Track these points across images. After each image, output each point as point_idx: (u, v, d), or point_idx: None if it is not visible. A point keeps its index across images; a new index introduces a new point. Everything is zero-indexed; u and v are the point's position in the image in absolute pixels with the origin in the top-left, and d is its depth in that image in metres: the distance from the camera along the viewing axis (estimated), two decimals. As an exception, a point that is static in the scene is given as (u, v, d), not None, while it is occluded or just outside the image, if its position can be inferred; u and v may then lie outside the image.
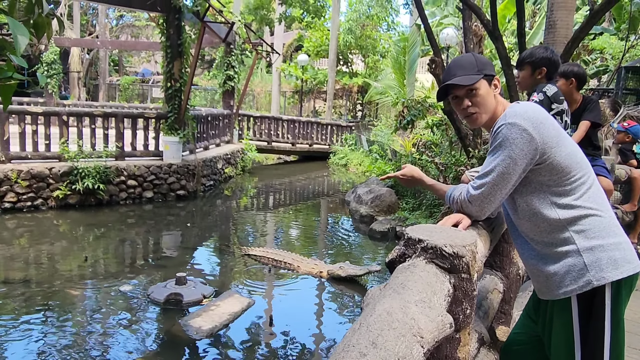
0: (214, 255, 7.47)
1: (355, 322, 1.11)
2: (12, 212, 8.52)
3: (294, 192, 13.69)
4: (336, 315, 5.23)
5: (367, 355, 0.94)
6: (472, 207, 1.70)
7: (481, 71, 1.73)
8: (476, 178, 1.69)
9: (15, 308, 5.06)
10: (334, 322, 5.07)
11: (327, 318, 5.18)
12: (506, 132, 1.59)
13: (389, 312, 1.08)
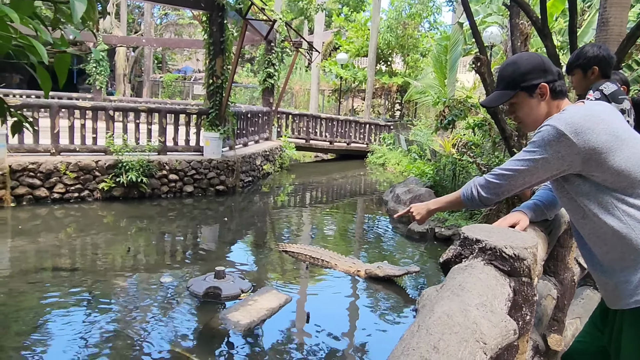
0: (251, 250, 7.52)
1: (413, 324, 1.06)
2: (60, 203, 8.83)
3: (331, 190, 13.67)
4: (372, 315, 5.17)
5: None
6: (482, 191, 1.73)
7: (519, 84, 1.73)
8: (499, 167, 1.71)
9: (63, 294, 5.23)
10: (370, 322, 5.01)
11: (363, 318, 5.12)
12: (544, 132, 1.59)
13: (449, 315, 1.03)
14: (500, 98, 1.77)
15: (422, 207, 2.00)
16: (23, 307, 4.89)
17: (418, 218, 2.01)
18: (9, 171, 8.40)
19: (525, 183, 1.66)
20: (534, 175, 1.62)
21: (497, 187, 1.69)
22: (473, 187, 1.76)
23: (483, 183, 1.73)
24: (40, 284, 5.46)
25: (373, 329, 4.85)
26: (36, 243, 6.91)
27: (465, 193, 1.80)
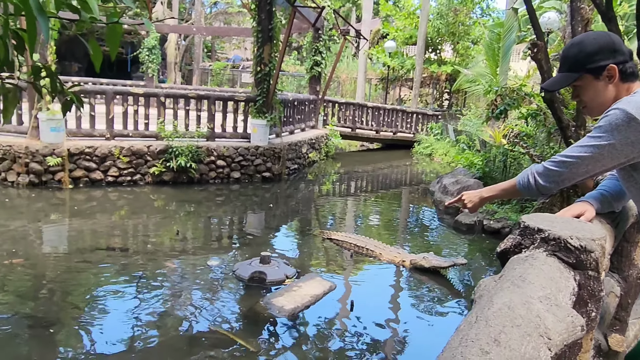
0: (296, 237, 7.57)
1: (469, 314, 1.01)
2: (114, 186, 9.17)
3: (376, 179, 13.56)
4: (415, 307, 5.09)
5: (490, 354, 0.84)
6: (540, 179, 1.62)
7: (584, 65, 1.61)
8: (559, 154, 1.60)
9: (115, 273, 5.43)
10: (413, 314, 4.93)
11: (406, 308, 5.05)
12: (612, 116, 1.48)
13: (510, 307, 0.97)
14: (563, 81, 1.66)
15: (474, 194, 1.91)
16: (80, 283, 5.12)
17: (470, 206, 1.92)
18: (67, 155, 8.79)
19: (589, 171, 1.55)
20: (598, 162, 1.51)
21: (557, 175, 1.58)
22: (530, 174, 1.66)
23: (541, 170, 1.62)
24: (95, 262, 5.69)
25: (416, 321, 4.78)
26: (91, 223, 7.21)
27: (521, 181, 1.70)
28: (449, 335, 0.96)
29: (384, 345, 4.25)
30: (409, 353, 4.14)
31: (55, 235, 7.00)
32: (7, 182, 8.66)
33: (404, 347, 4.28)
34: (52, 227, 7.13)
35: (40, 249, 6.27)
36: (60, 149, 8.69)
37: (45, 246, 6.42)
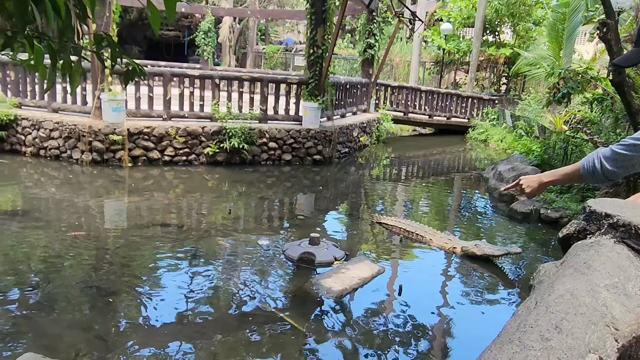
0: (345, 220, 7.57)
1: (528, 300, 0.96)
2: (170, 165, 9.48)
3: (428, 165, 13.31)
4: (465, 295, 4.97)
5: (551, 340, 0.79)
6: (607, 163, 1.51)
7: None
8: (630, 137, 1.49)
9: (170, 248, 5.64)
10: (462, 302, 4.82)
11: (455, 296, 4.94)
12: None
13: (573, 294, 0.92)
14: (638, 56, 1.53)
15: (533, 179, 1.81)
16: (137, 256, 5.35)
17: (528, 191, 1.82)
18: (127, 134, 9.15)
19: None
20: None
21: (626, 160, 1.46)
22: (596, 158, 1.54)
23: (609, 154, 1.51)
24: (151, 237, 5.93)
25: (464, 309, 4.68)
26: (149, 200, 7.50)
27: (585, 165, 1.58)
28: (498, 326, 0.92)
29: (430, 331, 4.20)
30: (455, 341, 4.07)
31: (115, 210, 7.33)
32: (72, 159, 9.13)
33: (450, 334, 4.21)
34: (112, 202, 7.48)
35: (102, 223, 6.59)
36: (121, 128, 9.05)
37: (106, 221, 6.74)
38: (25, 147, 9.50)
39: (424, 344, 3.97)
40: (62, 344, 3.57)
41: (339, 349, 3.78)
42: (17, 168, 8.80)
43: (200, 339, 3.77)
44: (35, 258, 5.08)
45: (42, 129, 9.31)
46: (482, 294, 5.00)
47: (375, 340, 3.96)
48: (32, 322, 3.84)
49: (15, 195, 7.35)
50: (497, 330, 3.08)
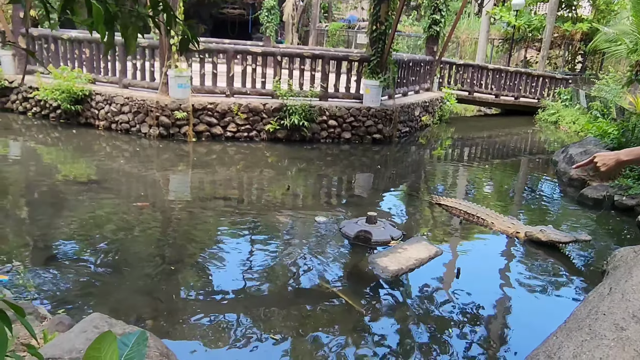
0: (403, 200, 7.47)
1: (601, 285, 0.89)
2: (232, 141, 9.70)
3: (492, 147, 12.82)
4: (526, 282, 4.78)
5: (627, 330, 0.73)
6: None
7: None
8: None
9: (231, 222, 5.80)
10: (523, 289, 4.63)
11: (516, 283, 4.76)
12: None
13: (654, 281, 0.83)
14: None
15: (610, 156, 1.68)
16: (199, 229, 5.55)
17: (603, 170, 1.69)
18: (192, 110, 9.42)
19: None
20: None
21: None
22: None
23: None
24: (213, 210, 6.12)
25: (525, 296, 4.50)
26: (211, 174, 7.73)
27: None
28: (557, 316, 0.85)
29: (487, 317, 4.08)
30: (511, 328, 3.93)
31: (180, 183, 7.62)
32: (140, 133, 9.54)
33: (507, 321, 4.07)
34: (177, 176, 7.77)
35: (167, 195, 6.88)
36: (186, 104, 9.33)
37: (171, 193, 7.02)
38: (98, 121, 10.02)
39: (479, 328, 3.87)
40: (127, 307, 3.78)
41: (392, 328, 3.76)
42: (91, 141, 9.32)
43: (257, 311, 3.87)
44: (106, 226, 5.38)
45: (114, 104, 9.77)
46: (544, 283, 4.79)
47: (430, 321, 3.91)
48: (101, 285, 4.09)
49: (89, 166, 7.79)
50: (555, 320, 2.93)
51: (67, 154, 8.55)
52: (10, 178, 6.92)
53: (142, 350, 1.25)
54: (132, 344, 1.28)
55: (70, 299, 3.81)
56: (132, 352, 1.25)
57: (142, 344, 1.28)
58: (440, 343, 3.62)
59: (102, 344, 1.14)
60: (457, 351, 3.52)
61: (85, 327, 2.13)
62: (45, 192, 6.38)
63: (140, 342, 1.28)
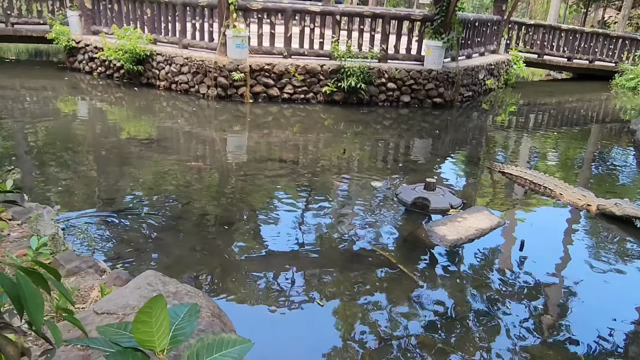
0: (463, 167, 7.16)
1: None
2: (288, 103, 9.62)
3: (561, 114, 12.04)
4: (594, 258, 4.46)
5: None
6: None
7: None
8: None
9: (286, 184, 5.77)
10: (589, 265, 4.31)
11: (583, 258, 4.44)
12: None
13: None
14: None
15: None
16: (254, 189, 5.55)
17: None
18: (249, 70, 9.37)
19: None
20: None
21: None
22: None
23: None
24: (268, 172, 6.10)
25: (592, 274, 4.18)
26: (267, 136, 7.71)
27: None
28: (631, 301, 0.67)
29: (548, 293, 3.84)
30: (574, 308, 3.67)
31: (236, 144, 7.65)
32: (199, 94, 9.63)
33: (569, 300, 3.80)
34: (233, 136, 7.80)
35: (223, 155, 6.93)
36: (244, 65, 9.28)
37: (228, 153, 7.07)
38: (159, 81, 10.20)
39: (538, 306, 3.65)
40: (181, 265, 3.84)
41: (446, 299, 3.62)
42: (152, 101, 9.51)
43: (309, 274, 3.83)
44: (164, 184, 5.49)
45: (174, 64, 9.88)
46: (616, 261, 4.45)
47: (487, 293, 3.73)
48: (157, 242, 4.18)
49: (150, 125, 7.97)
50: (625, 304, 2.68)
51: (130, 113, 8.79)
52: (78, 135, 7.19)
53: (193, 323, 1.20)
54: (184, 314, 1.23)
55: (128, 254, 3.92)
56: (184, 323, 1.20)
57: (193, 315, 1.23)
58: (495, 317, 3.45)
59: (153, 309, 1.09)
60: (512, 327, 3.34)
61: (140, 284, 2.13)
62: (109, 149, 6.58)
63: (192, 313, 1.24)
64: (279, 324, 3.24)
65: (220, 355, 1.08)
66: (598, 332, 3.35)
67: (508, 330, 3.31)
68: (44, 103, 8.98)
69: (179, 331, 1.17)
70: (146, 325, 1.08)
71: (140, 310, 1.08)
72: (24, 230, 3.22)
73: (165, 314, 1.09)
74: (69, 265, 2.78)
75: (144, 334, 1.08)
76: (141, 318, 1.08)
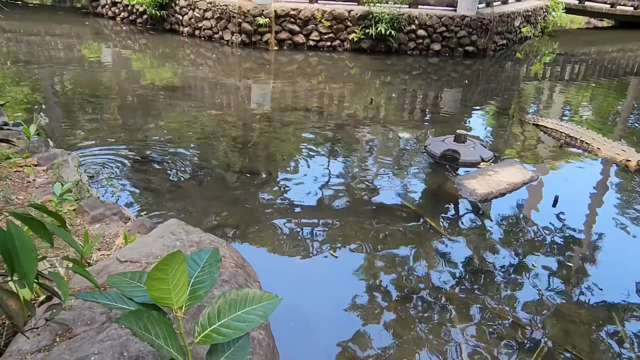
0: (495, 119, 6.89)
1: None
2: (314, 50, 9.33)
3: (600, 65, 11.42)
4: (632, 217, 4.26)
5: None
6: None
7: None
8: None
9: (310, 134, 5.64)
10: (626, 225, 4.12)
11: (619, 217, 4.25)
12: None
13: None
14: None
15: None
16: (278, 139, 5.45)
17: None
18: (274, 16, 9.07)
19: None
20: None
21: None
22: None
23: None
24: (293, 121, 5.97)
25: (630, 233, 4.01)
26: (292, 85, 7.52)
27: None
28: None
29: (579, 251, 3.70)
30: (607, 268, 3.53)
31: (260, 92, 7.50)
32: (223, 41, 9.41)
33: (602, 258, 3.65)
34: (257, 85, 7.64)
35: (247, 104, 6.80)
36: (268, 10, 8.97)
37: (252, 102, 6.93)
38: (182, 27, 9.98)
39: (569, 262, 3.52)
40: (205, 213, 3.81)
41: (475, 253, 3.52)
42: (176, 47, 9.34)
43: (333, 224, 3.76)
44: (188, 132, 5.42)
45: (197, 9, 9.62)
46: (654, 218, 4.25)
47: (514, 249, 3.61)
48: (181, 190, 4.15)
49: (174, 73, 7.84)
50: None
51: (154, 60, 8.66)
52: (103, 82, 7.13)
53: (214, 273, 1.11)
54: (204, 264, 1.14)
55: (153, 201, 3.91)
56: (204, 274, 1.11)
57: (214, 265, 1.13)
58: (523, 272, 3.35)
59: (170, 265, 0.99)
60: (541, 284, 3.24)
61: (162, 233, 2.09)
62: (133, 97, 6.52)
63: (212, 262, 1.14)
64: (304, 275, 3.21)
65: (245, 312, 1.00)
66: (629, 293, 3.23)
67: (537, 287, 3.22)
68: (68, 49, 8.91)
69: (199, 285, 1.08)
70: (162, 282, 1.00)
71: (155, 267, 0.99)
72: (49, 177, 3.20)
73: (184, 269, 1.00)
74: (94, 212, 2.76)
75: (160, 292, 1.00)
76: (156, 275, 0.98)
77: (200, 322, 1.01)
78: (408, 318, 2.83)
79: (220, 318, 1.01)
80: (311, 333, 2.69)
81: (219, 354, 1.01)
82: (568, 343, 2.70)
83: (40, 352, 1.40)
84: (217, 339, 0.99)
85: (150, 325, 0.96)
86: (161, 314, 1.01)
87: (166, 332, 0.98)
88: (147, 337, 0.95)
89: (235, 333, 0.99)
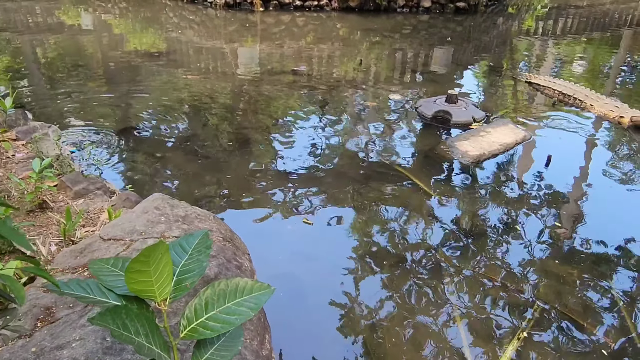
0: (486, 78, 6.78)
1: None
2: (301, 10, 9.06)
3: (592, 18, 11.22)
4: (624, 173, 4.24)
5: None
6: None
7: None
8: None
9: (299, 97, 5.52)
10: (619, 181, 4.11)
11: (612, 174, 4.23)
12: None
13: None
14: None
15: None
16: (268, 104, 5.33)
17: None
18: (258, -25, 8.74)
19: None
20: None
21: None
22: None
23: None
24: (281, 85, 5.83)
25: (621, 191, 3.99)
26: (279, 47, 7.31)
27: None
28: None
29: (573, 211, 3.69)
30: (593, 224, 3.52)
31: (247, 56, 7.29)
32: (206, 3, 9.10)
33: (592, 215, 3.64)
34: (244, 48, 7.42)
35: (234, 68, 6.62)
36: (252, -32, 8.65)
37: (240, 65, 6.75)
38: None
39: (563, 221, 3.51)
40: (192, 185, 3.74)
41: (464, 213, 3.50)
42: (158, 10, 9.03)
43: (324, 187, 3.71)
44: (174, 99, 5.28)
45: (178, -30, 9.25)
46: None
47: (506, 208, 3.60)
48: (167, 160, 4.06)
49: (157, 37, 7.59)
50: None
51: (136, 25, 8.37)
52: (85, 49, 6.90)
53: (203, 261, 1.01)
54: (192, 250, 1.04)
55: (138, 173, 3.82)
56: (192, 262, 1.02)
57: (203, 252, 1.04)
58: (515, 232, 3.34)
59: (151, 257, 0.91)
60: (529, 242, 3.24)
61: (147, 208, 2.02)
62: (116, 63, 6.32)
63: (201, 249, 1.04)
64: (295, 243, 3.17)
65: (235, 304, 0.93)
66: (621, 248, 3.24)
67: (528, 247, 3.21)
68: (47, 15, 8.57)
69: (186, 274, 1.00)
70: (142, 275, 0.92)
71: (134, 259, 0.90)
72: (29, 151, 3.10)
73: (167, 260, 0.92)
74: (76, 187, 2.68)
75: (141, 284, 0.92)
76: (136, 267, 0.91)
77: (186, 315, 0.95)
78: (400, 280, 2.82)
79: (207, 311, 0.94)
80: (302, 302, 2.67)
81: (208, 346, 0.95)
82: (560, 302, 2.71)
83: (20, 339, 1.35)
84: (204, 333, 0.92)
85: (129, 322, 0.89)
86: (142, 308, 0.94)
87: (148, 328, 0.91)
88: (126, 337, 0.87)
89: (224, 327, 0.92)
